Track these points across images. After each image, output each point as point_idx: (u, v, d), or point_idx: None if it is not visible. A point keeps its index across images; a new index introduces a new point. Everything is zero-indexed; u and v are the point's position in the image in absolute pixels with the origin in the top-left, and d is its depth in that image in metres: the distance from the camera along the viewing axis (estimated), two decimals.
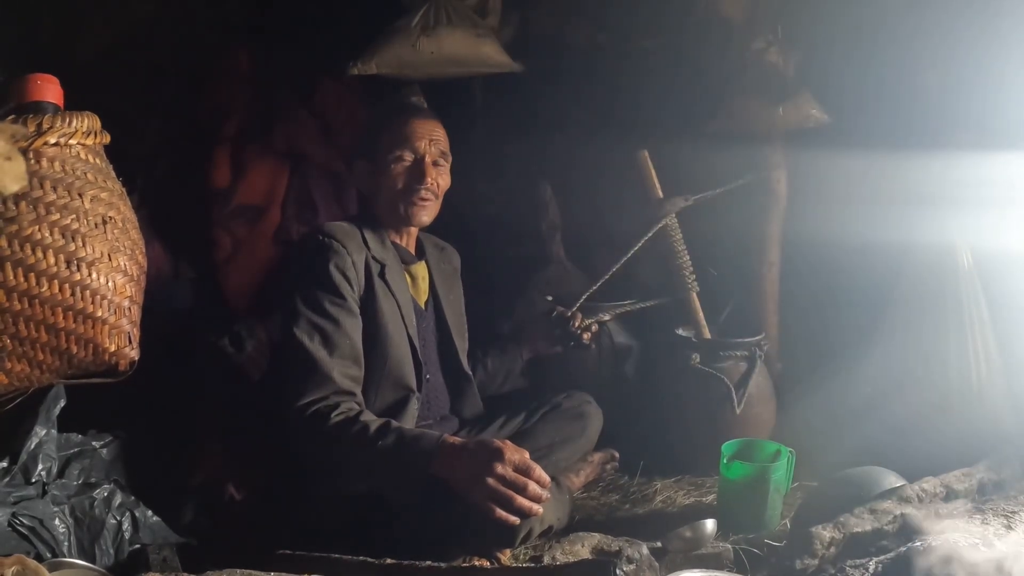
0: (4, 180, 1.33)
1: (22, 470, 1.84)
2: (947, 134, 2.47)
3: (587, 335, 2.41)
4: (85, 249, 1.52)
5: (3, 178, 1.34)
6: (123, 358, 1.58)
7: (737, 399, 2.47)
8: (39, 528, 1.79)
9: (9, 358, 1.49)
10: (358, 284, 2.04)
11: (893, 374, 2.49)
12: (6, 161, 1.33)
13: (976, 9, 2.41)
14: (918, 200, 2.47)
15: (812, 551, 1.79)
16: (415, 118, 2.16)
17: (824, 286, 2.73)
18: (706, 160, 2.67)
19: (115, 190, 1.62)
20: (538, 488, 1.74)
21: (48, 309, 1.49)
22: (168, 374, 2.42)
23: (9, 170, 1.34)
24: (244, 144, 2.82)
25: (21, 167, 1.38)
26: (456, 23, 2.74)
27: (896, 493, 1.93)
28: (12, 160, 1.35)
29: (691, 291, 2.62)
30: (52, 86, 1.58)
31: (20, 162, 1.39)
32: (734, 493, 2.16)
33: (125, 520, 1.93)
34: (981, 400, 2.41)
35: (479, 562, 1.79)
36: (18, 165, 1.37)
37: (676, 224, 2.62)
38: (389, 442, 1.82)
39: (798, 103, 2.63)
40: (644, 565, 1.77)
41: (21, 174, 1.38)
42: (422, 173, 2.10)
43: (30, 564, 1.36)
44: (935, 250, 2.51)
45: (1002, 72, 2.39)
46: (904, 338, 2.53)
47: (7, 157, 1.34)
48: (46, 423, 1.89)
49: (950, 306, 2.47)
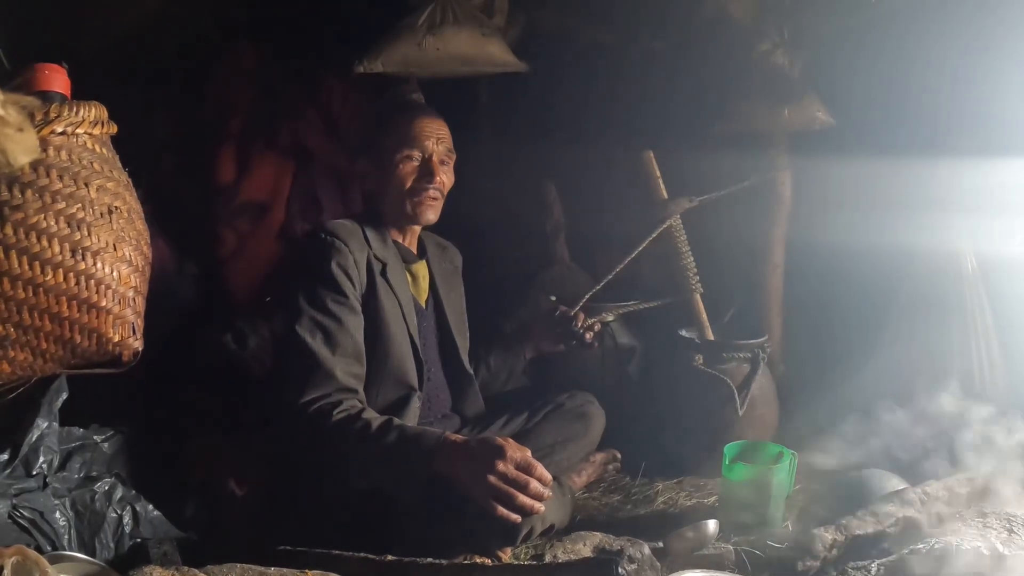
0: (15, 152, 1.33)
1: (23, 463, 1.84)
2: (953, 139, 2.47)
3: (590, 335, 2.41)
4: (90, 238, 1.52)
5: (14, 150, 1.33)
6: (126, 348, 1.57)
7: (740, 401, 2.46)
8: (39, 521, 1.78)
9: (12, 347, 1.49)
10: (360, 282, 2.04)
11: (897, 377, 2.48)
12: (17, 132, 1.32)
13: (982, 14, 2.41)
14: (923, 204, 2.47)
15: (814, 553, 1.79)
16: (421, 117, 2.16)
17: (828, 289, 2.73)
18: (711, 161, 2.67)
19: (121, 180, 1.62)
20: (540, 486, 1.74)
21: (52, 298, 1.49)
22: (171, 370, 2.43)
23: (20, 141, 1.33)
24: (249, 141, 2.82)
25: (33, 139, 1.38)
26: (462, 22, 2.74)
27: (898, 496, 1.93)
28: (24, 132, 1.35)
29: (695, 292, 2.62)
30: (60, 76, 1.58)
31: (31, 134, 1.38)
32: (736, 495, 2.15)
33: (126, 514, 1.93)
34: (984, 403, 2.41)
35: (480, 560, 1.78)
36: (30, 137, 1.37)
37: (680, 225, 2.62)
38: (391, 439, 1.82)
39: (804, 105, 2.63)
40: (646, 565, 1.76)
41: (33, 146, 1.38)
42: (431, 172, 2.10)
43: (30, 555, 1.36)
44: (939, 254, 2.52)
45: (1008, 78, 2.39)
46: (908, 342, 2.52)
47: (19, 128, 1.33)
48: (48, 416, 1.88)
49: (954, 310, 2.48)
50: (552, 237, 3.03)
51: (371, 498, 1.91)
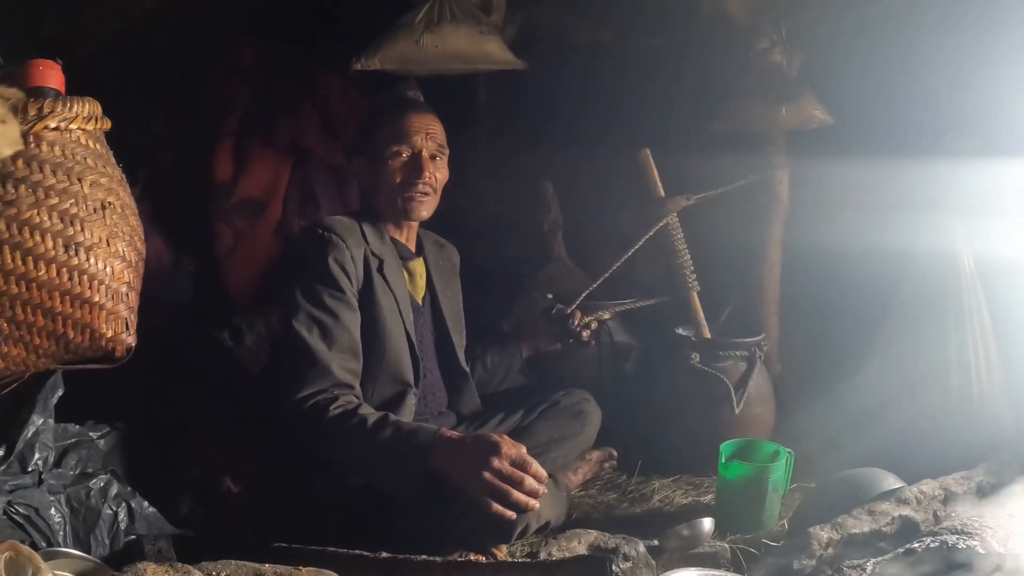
0: None
1: (18, 459, 1.84)
2: (950, 139, 2.46)
3: (587, 333, 2.41)
4: (83, 234, 1.52)
5: None
6: (120, 344, 1.57)
7: (736, 399, 2.46)
8: (34, 517, 1.78)
9: (6, 342, 1.49)
10: (357, 278, 2.04)
11: (894, 377, 2.48)
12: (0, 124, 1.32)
13: (981, 13, 2.40)
14: (921, 205, 2.47)
15: (810, 551, 1.78)
16: (411, 112, 2.15)
17: (825, 288, 2.72)
18: (708, 160, 2.67)
19: (115, 176, 1.62)
20: (535, 483, 1.74)
21: (45, 293, 1.49)
22: (167, 366, 2.42)
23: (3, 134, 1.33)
24: (247, 138, 2.83)
25: (15, 131, 1.38)
26: (460, 20, 2.74)
27: (895, 495, 1.93)
28: (6, 123, 1.34)
29: (692, 291, 2.62)
30: (54, 72, 1.57)
31: (14, 125, 1.38)
32: (732, 493, 2.15)
33: (121, 511, 1.93)
34: (981, 404, 2.41)
35: (475, 557, 1.78)
36: (12, 129, 1.36)
37: (677, 223, 2.62)
38: (387, 435, 1.81)
39: (801, 104, 2.62)
40: (641, 562, 1.76)
41: (16, 138, 1.37)
42: (419, 168, 2.10)
43: (23, 550, 1.35)
44: (937, 255, 2.51)
45: (1006, 78, 2.38)
46: (905, 342, 2.52)
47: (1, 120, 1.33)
48: (43, 412, 1.88)
49: (951, 311, 2.47)
50: (549, 235, 3.02)
51: (366, 494, 1.91)
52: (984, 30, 2.39)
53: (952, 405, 2.41)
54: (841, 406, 2.44)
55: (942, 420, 2.39)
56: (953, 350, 2.46)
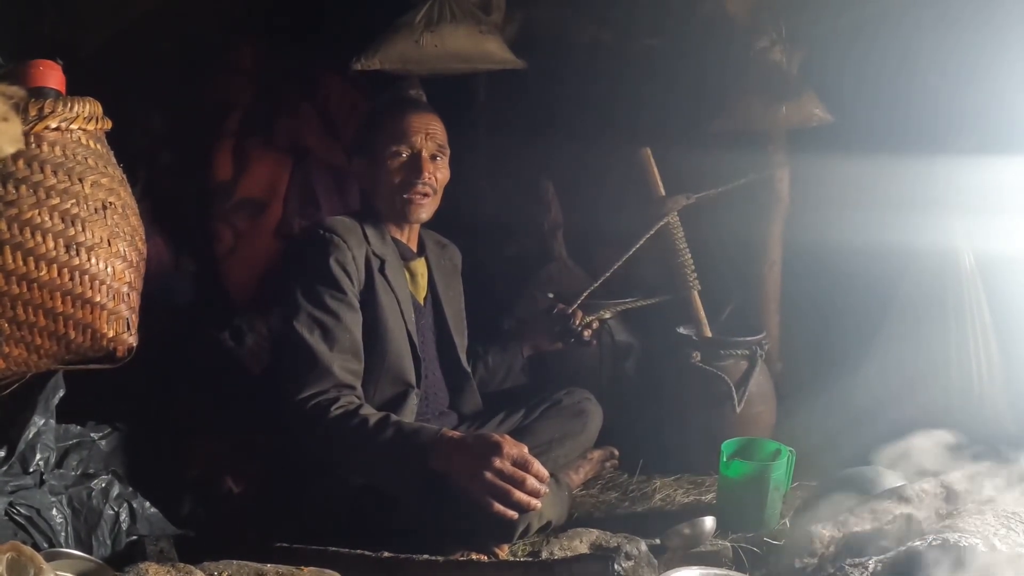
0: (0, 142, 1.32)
1: (20, 460, 1.84)
2: (951, 137, 2.46)
3: (588, 332, 2.41)
4: (84, 234, 1.52)
5: None
6: (121, 344, 1.57)
7: (737, 398, 2.46)
8: (36, 518, 1.78)
9: (7, 342, 1.49)
10: (358, 279, 2.03)
11: (894, 375, 2.48)
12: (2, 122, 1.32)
13: (982, 12, 2.40)
14: (921, 203, 2.47)
15: (812, 550, 1.78)
16: (411, 112, 2.15)
17: (826, 286, 2.72)
18: (709, 158, 2.66)
19: (115, 176, 1.62)
20: (536, 483, 1.74)
21: (47, 293, 1.49)
22: (168, 367, 2.42)
23: (5, 131, 1.33)
24: (247, 138, 2.82)
25: (17, 129, 1.37)
26: (460, 19, 2.74)
27: (896, 493, 1.92)
28: (8, 121, 1.34)
29: (692, 289, 2.61)
30: (54, 72, 1.57)
31: (16, 123, 1.38)
32: (734, 492, 2.15)
33: (123, 511, 1.93)
34: (982, 402, 2.41)
35: (477, 556, 1.78)
36: (14, 127, 1.36)
37: (678, 222, 2.61)
38: (388, 435, 1.81)
39: (801, 102, 2.62)
40: (643, 561, 1.76)
41: (17, 136, 1.37)
42: (419, 168, 2.10)
43: (25, 551, 1.35)
44: (938, 253, 2.51)
45: (1006, 75, 2.38)
46: (906, 340, 2.52)
47: (3, 118, 1.33)
48: (45, 413, 1.88)
49: (952, 309, 2.47)
50: (550, 234, 3.02)
51: (368, 494, 1.91)
52: (984, 28, 2.39)
53: (952, 403, 2.42)
54: (842, 403, 2.44)
55: (943, 418, 2.38)
56: (953, 348, 2.46)
